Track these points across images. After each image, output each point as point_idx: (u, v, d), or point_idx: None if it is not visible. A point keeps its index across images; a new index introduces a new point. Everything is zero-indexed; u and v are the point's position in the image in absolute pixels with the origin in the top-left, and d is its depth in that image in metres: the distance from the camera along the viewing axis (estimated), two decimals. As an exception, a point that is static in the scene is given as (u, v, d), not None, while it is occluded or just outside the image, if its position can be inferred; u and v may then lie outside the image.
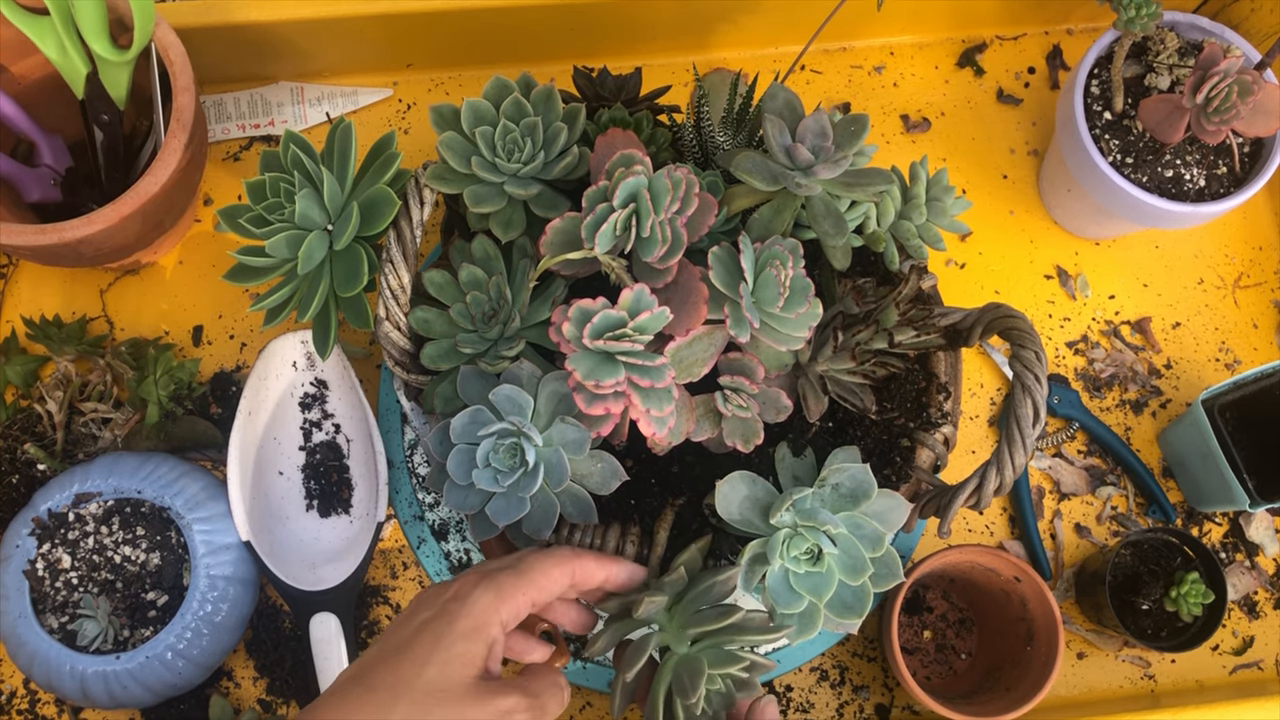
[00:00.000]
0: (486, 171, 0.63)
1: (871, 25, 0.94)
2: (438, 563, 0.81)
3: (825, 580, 0.58)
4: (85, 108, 0.79)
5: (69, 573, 0.73)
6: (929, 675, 0.82)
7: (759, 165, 0.59)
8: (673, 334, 0.57)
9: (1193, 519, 0.87)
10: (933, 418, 0.69)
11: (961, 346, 0.67)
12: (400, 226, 0.64)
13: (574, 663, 0.79)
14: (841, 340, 0.62)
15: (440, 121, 0.64)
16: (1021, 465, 0.58)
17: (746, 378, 0.60)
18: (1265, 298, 0.92)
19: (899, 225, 0.68)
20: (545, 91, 0.65)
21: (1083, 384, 0.89)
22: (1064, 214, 0.91)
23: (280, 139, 0.82)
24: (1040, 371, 0.59)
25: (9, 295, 0.87)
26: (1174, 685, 0.83)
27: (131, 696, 0.72)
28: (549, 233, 0.60)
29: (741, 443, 0.61)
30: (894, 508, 0.60)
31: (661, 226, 0.57)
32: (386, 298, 0.63)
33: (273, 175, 0.67)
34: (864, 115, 0.59)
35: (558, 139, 0.64)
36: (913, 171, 0.68)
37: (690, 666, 0.56)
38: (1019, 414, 0.58)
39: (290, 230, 0.66)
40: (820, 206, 0.60)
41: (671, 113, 0.71)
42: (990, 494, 0.59)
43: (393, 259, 0.63)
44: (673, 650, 0.57)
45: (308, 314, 0.67)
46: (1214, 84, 0.73)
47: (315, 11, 0.83)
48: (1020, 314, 0.62)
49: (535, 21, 0.87)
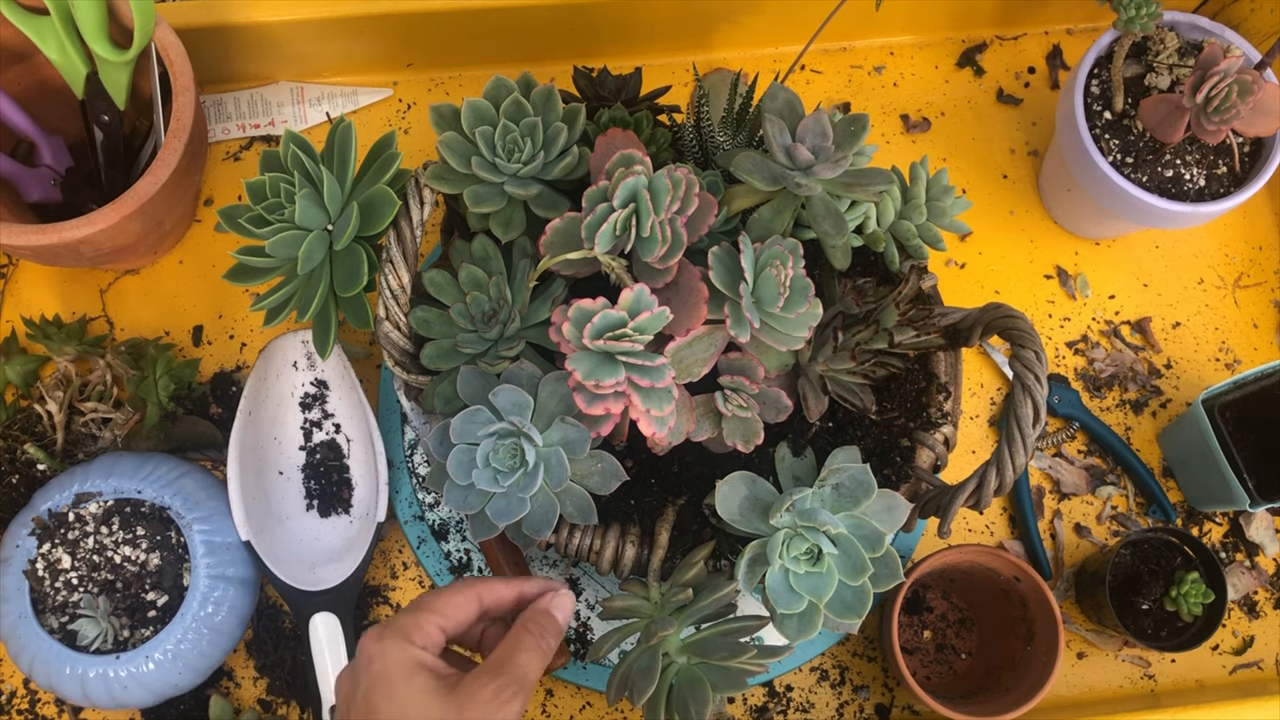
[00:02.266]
0: (486, 171, 0.63)
1: (871, 25, 0.94)
2: (438, 563, 0.81)
3: (825, 581, 0.58)
4: (85, 108, 0.79)
5: (69, 573, 0.73)
6: (929, 675, 0.82)
7: (759, 165, 0.59)
8: (673, 334, 0.57)
9: (1193, 519, 0.87)
10: (933, 418, 0.69)
11: (961, 347, 0.67)
12: (400, 226, 0.64)
13: (574, 662, 0.79)
14: (841, 340, 0.62)
15: (440, 121, 0.64)
16: (1021, 465, 0.58)
17: (746, 378, 0.60)
18: (1265, 298, 0.92)
19: (899, 225, 0.68)
20: (545, 91, 0.64)
21: (1083, 384, 0.89)
22: (1064, 214, 0.91)
23: (280, 139, 0.82)
24: (1040, 371, 0.59)
25: (9, 295, 0.87)
26: (1174, 685, 0.83)
27: (131, 696, 0.72)
28: (549, 233, 0.60)
29: (742, 443, 0.61)
30: (894, 508, 0.60)
31: (661, 226, 0.57)
32: (386, 298, 0.63)
33: (273, 175, 0.67)
34: (864, 115, 0.59)
35: (558, 139, 0.64)
36: (913, 172, 0.68)
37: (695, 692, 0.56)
38: (1019, 414, 0.58)
39: (290, 230, 0.66)
40: (820, 206, 0.60)
41: (671, 113, 0.71)
42: (990, 494, 0.59)
43: (393, 259, 0.63)
44: (672, 658, 0.57)
45: (308, 314, 0.67)
46: (1214, 84, 0.73)
47: (315, 11, 0.83)
48: (1020, 314, 0.62)
49: (535, 21, 0.87)
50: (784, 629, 0.58)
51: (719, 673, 0.57)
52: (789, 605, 0.58)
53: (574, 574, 0.81)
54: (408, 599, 0.82)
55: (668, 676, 0.58)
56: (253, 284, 0.70)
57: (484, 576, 0.57)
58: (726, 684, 0.57)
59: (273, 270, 0.68)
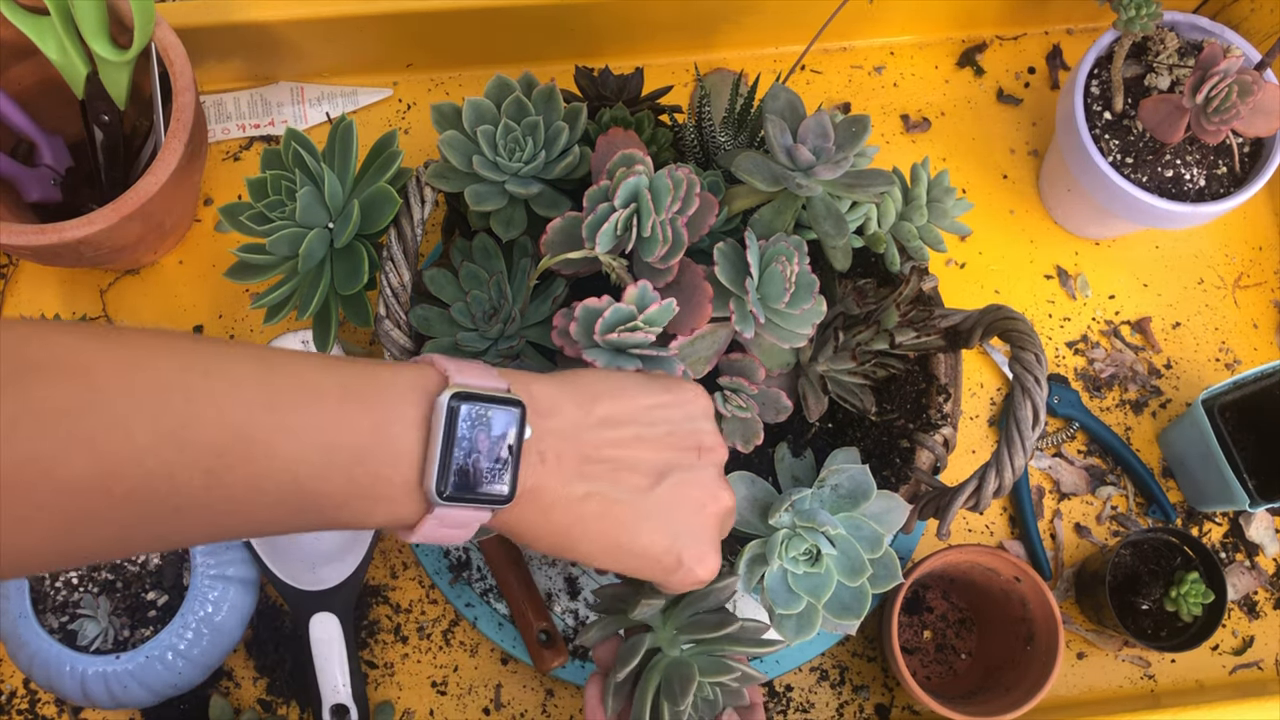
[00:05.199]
0: (488, 170, 0.63)
1: (871, 25, 0.94)
2: (436, 561, 0.81)
3: (824, 581, 0.57)
4: (85, 108, 0.79)
5: (69, 572, 0.73)
6: (929, 675, 0.82)
7: (760, 166, 0.59)
8: (676, 333, 0.57)
9: (1193, 519, 0.87)
10: (932, 419, 0.69)
11: (962, 348, 0.67)
12: (401, 225, 0.64)
13: (573, 661, 0.79)
14: (842, 340, 0.62)
15: (441, 120, 0.64)
16: (1021, 467, 0.58)
17: (746, 378, 0.60)
18: (1265, 298, 0.92)
19: (900, 226, 0.68)
20: (547, 91, 0.65)
21: (1083, 384, 0.89)
22: (1064, 214, 0.91)
23: (281, 139, 0.82)
24: (1040, 374, 0.59)
25: (9, 295, 0.87)
26: (1174, 685, 0.83)
27: (131, 696, 0.72)
28: (549, 232, 0.60)
29: (741, 443, 0.61)
30: (893, 509, 0.60)
31: (663, 226, 0.57)
32: (387, 296, 0.63)
33: (274, 173, 0.67)
34: (865, 116, 0.59)
35: (559, 138, 0.64)
36: (914, 173, 0.68)
37: (681, 672, 0.55)
38: (1018, 416, 0.58)
39: (291, 228, 0.66)
40: (821, 207, 0.60)
41: (673, 113, 0.71)
42: (989, 496, 0.59)
43: (393, 257, 0.63)
44: (664, 653, 0.57)
45: (308, 312, 0.67)
46: (1214, 84, 0.73)
47: (315, 11, 0.83)
48: (1021, 316, 0.62)
49: (535, 21, 0.87)
50: (782, 629, 0.58)
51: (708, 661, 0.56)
52: (787, 605, 0.58)
53: (572, 572, 0.81)
54: (408, 599, 0.82)
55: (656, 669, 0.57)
56: (254, 281, 0.70)
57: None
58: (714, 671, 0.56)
59: (273, 268, 0.68)
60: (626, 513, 0.49)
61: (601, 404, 0.50)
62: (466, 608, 0.80)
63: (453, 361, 0.47)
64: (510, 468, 0.46)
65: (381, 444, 0.43)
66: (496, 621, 0.80)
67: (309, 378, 0.43)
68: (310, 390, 0.43)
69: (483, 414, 0.45)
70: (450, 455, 0.44)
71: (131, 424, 0.38)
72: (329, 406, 0.42)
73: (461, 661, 0.81)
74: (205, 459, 0.39)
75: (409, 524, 0.45)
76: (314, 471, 0.42)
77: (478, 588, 0.80)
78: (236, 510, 0.41)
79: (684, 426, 0.51)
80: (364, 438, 0.43)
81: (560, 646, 0.78)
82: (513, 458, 0.46)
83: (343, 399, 0.43)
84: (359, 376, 0.44)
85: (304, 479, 0.42)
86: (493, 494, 0.45)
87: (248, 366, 0.42)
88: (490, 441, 0.45)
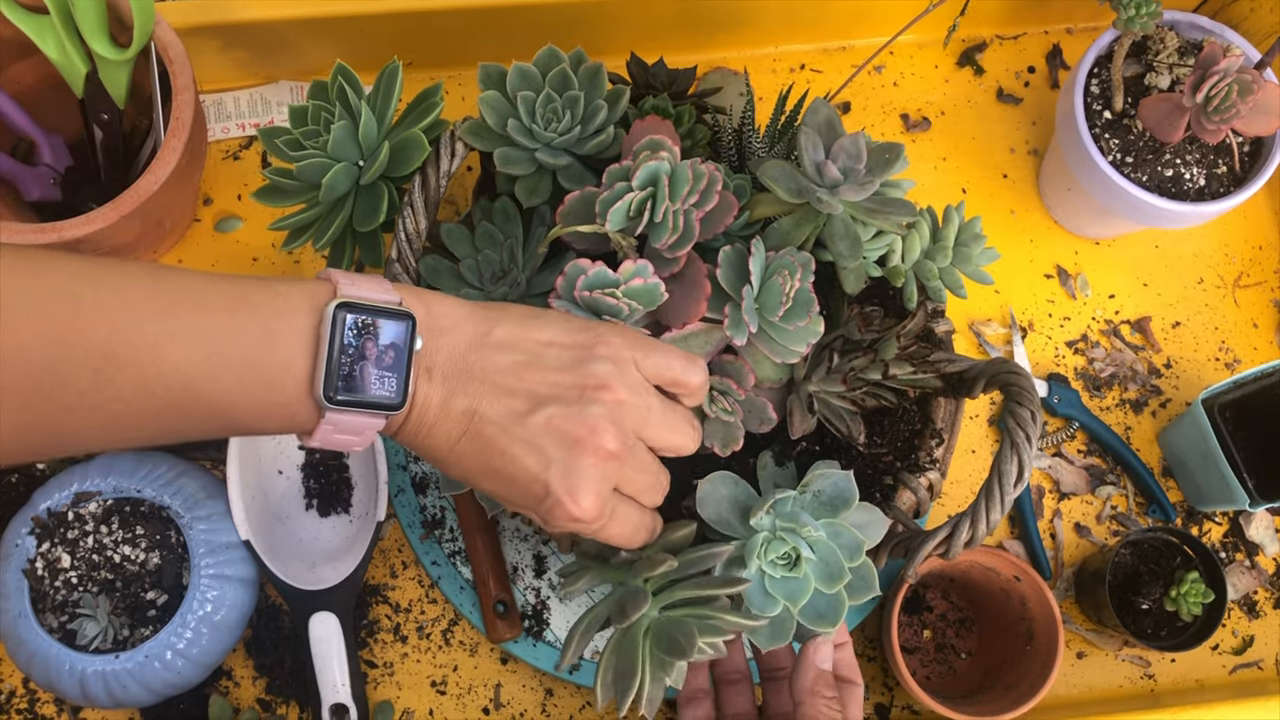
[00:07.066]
0: (521, 136, 0.64)
1: (871, 25, 0.94)
2: (412, 514, 0.82)
3: (801, 586, 0.57)
4: (85, 107, 0.79)
5: (68, 572, 0.73)
6: (929, 675, 0.82)
7: (786, 175, 0.59)
8: (669, 325, 0.57)
9: (1193, 519, 0.87)
10: (920, 461, 0.68)
11: (964, 397, 0.66)
12: (427, 173, 0.65)
13: (525, 637, 0.79)
14: (836, 363, 0.62)
15: (486, 79, 0.66)
16: (996, 522, 0.58)
17: (735, 382, 0.60)
18: (1265, 297, 0.92)
19: (922, 264, 0.67)
20: (593, 68, 0.66)
21: (1083, 383, 0.89)
22: (1064, 213, 0.91)
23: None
24: (1032, 432, 0.58)
25: (8, 294, 0.87)
26: (1174, 685, 0.83)
27: (131, 696, 0.72)
28: (567, 203, 0.61)
29: (719, 446, 0.61)
30: (873, 521, 0.59)
31: (675, 215, 0.57)
32: (401, 240, 0.64)
33: (315, 104, 0.68)
34: (899, 145, 0.59)
35: (597, 115, 0.65)
36: (946, 214, 0.68)
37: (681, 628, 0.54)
38: (1002, 470, 0.58)
39: (320, 158, 0.67)
40: (840, 227, 0.60)
41: (717, 113, 0.72)
42: (961, 546, 0.59)
43: (414, 203, 0.64)
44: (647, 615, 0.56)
45: (323, 241, 0.68)
46: (1214, 83, 0.73)
47: (315, 10, 0.83)
48: (1025, 371, 0.61)
49: (535, 21, 0.87)
50: (756, 635, 0.57)
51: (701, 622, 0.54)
52: (763, 609, 0.57)
53: (542, 551, 0.81)
54: (407, 598, 0.82)
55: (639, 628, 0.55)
56: (280, 205, 0.71)
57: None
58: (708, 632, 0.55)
59: (299, 195, 0.70)
60: (499, 435, 0.50)
61: (502, 327, 0.51)
62: (432, 565, 0.81)
63: (347, 276, 0.49)
64: (399, 376, 0.48)
65: (272, 350, 0.46)
66: (459, 585, 0.80)
67: (199, 290, 0.46)
68: (199, 300, 0.45)
69: (369, 323, 0.47)
70: (335, 360, 0.46)
71: (18, 324, 0.41)
72: (217, 315, 0.45)
73: (461, 661, 0.81)
74: (92, 360, 0.42)
75: (306, 429, 0.48)
76: (203, 373, 0.44)
77: (447, 548, 0.81)
78: (130, 412, 0.44)
79: (580, 366, 0.51)
80: (254, 345, 0.45)
81: (515, 619, 0.78)
82: (401, 367, 0.48)
83: (233, 309, 0.45)
84: (255, 289, 0.47)
85: (194, 381, 0.44)
86: (381, 399, 0.47)
87: (140, 280, 0.45)
88: (378, 350, 0.47)
